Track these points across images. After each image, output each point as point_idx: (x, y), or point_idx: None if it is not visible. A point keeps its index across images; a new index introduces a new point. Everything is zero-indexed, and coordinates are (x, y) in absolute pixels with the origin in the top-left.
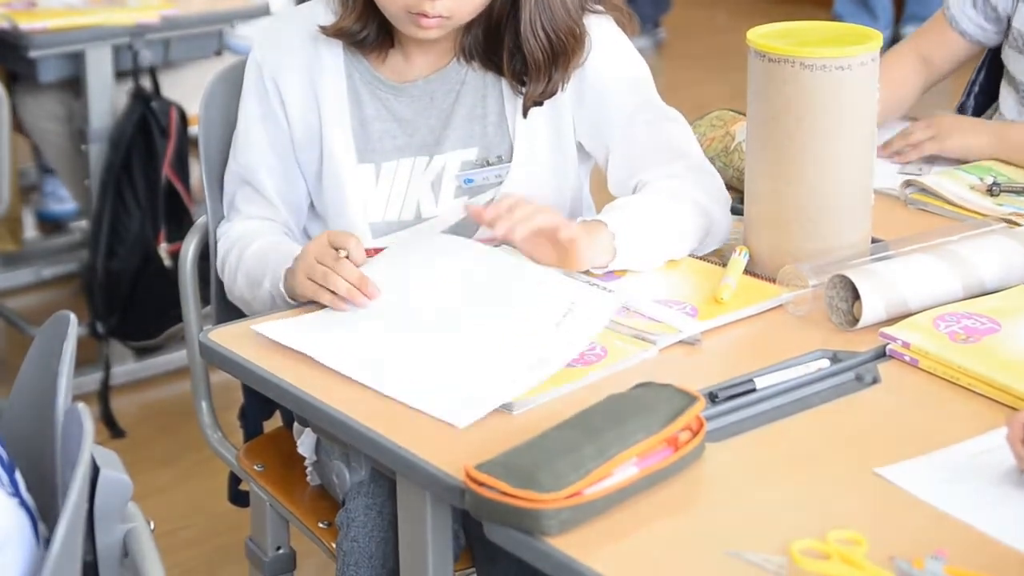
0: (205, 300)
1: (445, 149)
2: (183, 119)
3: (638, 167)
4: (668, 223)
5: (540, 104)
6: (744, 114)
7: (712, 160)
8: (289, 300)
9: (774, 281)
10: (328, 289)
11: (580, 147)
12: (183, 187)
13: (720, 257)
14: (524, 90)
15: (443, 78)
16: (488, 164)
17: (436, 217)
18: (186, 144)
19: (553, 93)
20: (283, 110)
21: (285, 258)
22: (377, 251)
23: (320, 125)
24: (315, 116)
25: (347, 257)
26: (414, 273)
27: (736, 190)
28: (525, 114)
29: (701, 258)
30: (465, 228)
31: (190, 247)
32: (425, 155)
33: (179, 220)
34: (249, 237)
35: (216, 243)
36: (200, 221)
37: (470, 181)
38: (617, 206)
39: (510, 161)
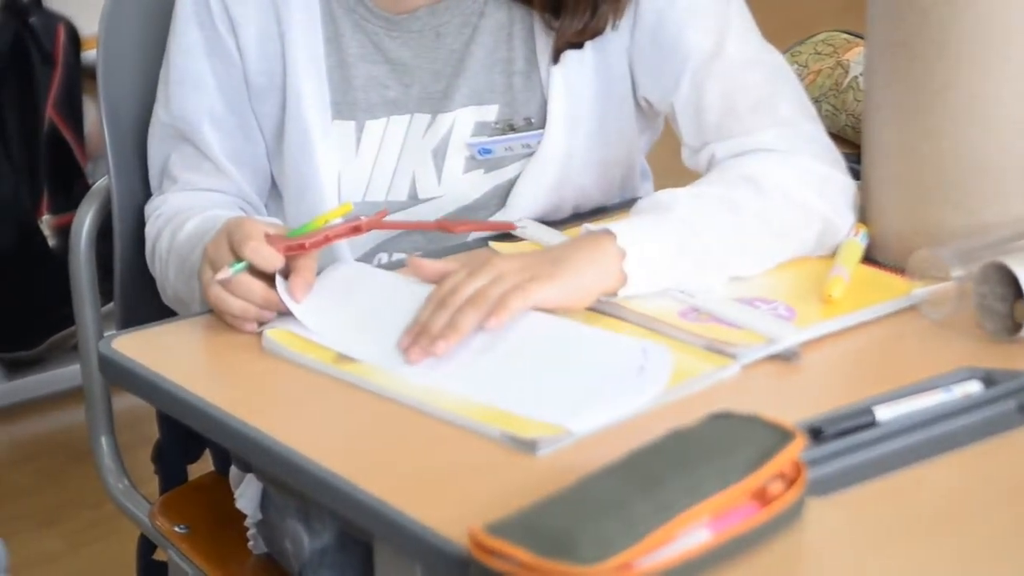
0: (106, 295)
1: (454, 105)
2: (74, 41)
3: (711, 133)
4: (728, 228)
5: (579, 46)
6: (862, 37)
7: (818, 103)
8: None
9: (903, 271)
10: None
11: (648, 106)
12: (74, 136)
13: None
14: (556, 24)
15: (455, 8)
16: (512, 129)
17: (439, 198)
18: (78, 76)
19: (597, 32)
20: (234, 40)
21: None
22: (304, 245)
23: (283, 65)
24: (277, 53)
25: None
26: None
27: (851, 144)
28: (556, 59)
29: None
30: (471, 213)
31: (85, 221)
32: (426, 112)
33: (68, 183)
34: (187, 214)
35: (147, 223)
36: (100, 184)
37: (487, 152)
38: (648, 206)
39: (542, 127)
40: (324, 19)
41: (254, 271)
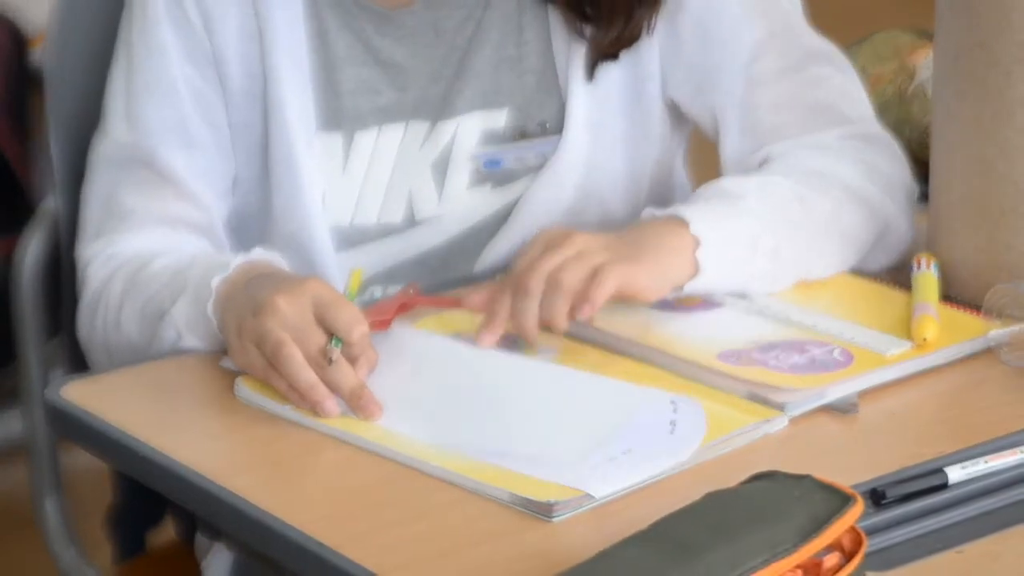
0: (53, 328)
1: (457, 111)
2: (17, 40)
3: (766, 134)
4: (798, 224)
5: (614, 57)
6: (931, 37)
7: (879, 113)
8: (218, 331)
9: (977, 310)
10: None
11: (674, 106)
12: (16, 149)
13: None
14: (588, 32)
15: (455, 0)
16: (525, 136)
17: (439, 218)
18: (24, 81)
19: (634, 39)
20: (209, 40)
21: (223, 266)
22: (381, 322)
23: (263, 71)
24: (256, 55)
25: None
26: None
27: (917, 161)
28: (591, 74)
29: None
30: (478, 236)
31: (29, 247)
32: (424, 119)
33: (10, 203)
34: (148, 255)
35: (84, 271)
36: (46, 206)
37: (495, 164)
38: (714, 193)
39: (559, 132)
40: (307, 14)
41: None
